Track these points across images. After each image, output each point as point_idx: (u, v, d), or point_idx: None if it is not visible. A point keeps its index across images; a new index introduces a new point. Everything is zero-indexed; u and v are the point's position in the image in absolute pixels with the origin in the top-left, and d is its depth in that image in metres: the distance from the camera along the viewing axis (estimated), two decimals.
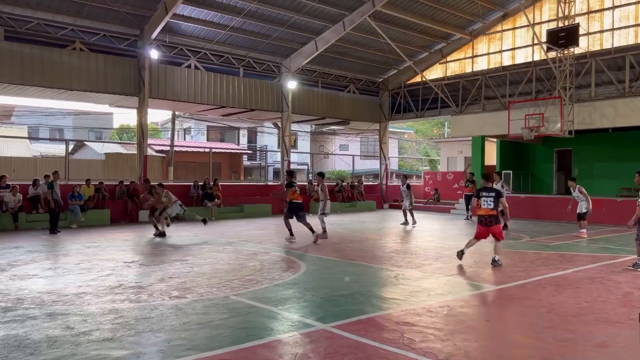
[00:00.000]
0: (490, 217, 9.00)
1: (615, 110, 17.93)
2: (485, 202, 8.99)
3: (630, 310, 5.96)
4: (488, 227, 9.05)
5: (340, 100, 24.58)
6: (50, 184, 13.93)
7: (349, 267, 9.04)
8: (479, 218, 9.18)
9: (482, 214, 9.08)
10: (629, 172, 20.35)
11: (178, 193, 19.42)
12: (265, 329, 5.31)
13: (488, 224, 9.03)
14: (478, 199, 9.15)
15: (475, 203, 9.24)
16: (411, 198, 17.03)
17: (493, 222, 9.00)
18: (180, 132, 39.32)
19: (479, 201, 9.10)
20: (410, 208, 16.89)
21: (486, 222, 9.03)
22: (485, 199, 9.01)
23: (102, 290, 6.96)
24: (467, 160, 27.86)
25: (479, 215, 9.16)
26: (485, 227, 9.07)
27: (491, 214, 8.99)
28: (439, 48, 23.40)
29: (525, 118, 18.42)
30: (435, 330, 5.23)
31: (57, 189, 14.11)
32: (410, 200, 16.95)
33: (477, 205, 9.22)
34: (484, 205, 9.02)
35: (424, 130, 57.24)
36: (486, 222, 9.03)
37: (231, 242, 12.35)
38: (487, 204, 8.98)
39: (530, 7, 20.29)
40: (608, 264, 9.37)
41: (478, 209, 9.17)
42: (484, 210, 9.04)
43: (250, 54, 20.96)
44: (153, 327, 5.28)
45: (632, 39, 18.15)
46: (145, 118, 18.30)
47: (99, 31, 17.07)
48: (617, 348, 4.76)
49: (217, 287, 7.17)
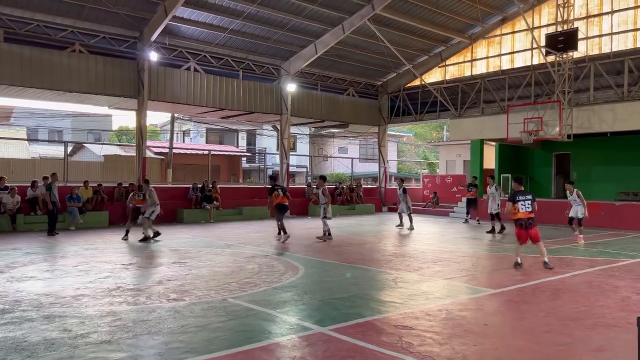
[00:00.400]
0: (530, 220, 9.13)
1: (614, 114, 17.95)
2: (523, 205, 9.14)
3: (628, 314, 5.96)
4: (527, 229, 9.13)
5: (339, 103, 24.61)
6: (49, 186, 13.94)
7: (348, 270, 9.03)
8: (519, 222, 9.22)
9: (522, 217, 9.17)
10: (627, 176, 20.50)
11: (177, 195, 19.55)
12: (263, 332, 5.31)
13: (528, 227, 9.12)
14: (514, 203, 9.20)
15: (511, 207, 9.24)
16: (408, 202, 17.11)
17: (532, 225, 9.14)
18: (180, 134, 39.32)
19: (516, 205, 9.16)
20: (408, 213, 16.95)
21: (526, 225, 9.13)
22: (523, 202, 9.14)
23: (100, 293, 6.95)
24: (466, 163, 27.88)
25: (518, 219, 9.21)
26: (525, 230, 9.15)
27: (530, 216, 9.14)
28: (438, 52, 23.45)
29: (524, 122, 18.44)
30: (433, 333, 5.23)
31: (56, 190, 14.14)
32: (407, 204, 17.04)
33: (513, 210, 9.22)
34: (522, 208, 9.13)
35: (423, 133, 57.28)
36: (526, 225, 9.13)
37: (229, 244, 12.34)
38: (526, 207, 9.13)
39: (529, 11, 20.34)
40: (606, 268, 9.37)
41: (515, 213, 9.20)
42: (523, 214, 9.14)
43: (250, 57, 20.98)
44: (151, 330, 5.27)
45: (631, 44, 18.20)
46: (144, 120, 18.30)
47: (99, 33, 17.09)
48: (614, 352, 4.76)
49: (215, 290, 7.16)
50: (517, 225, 9.30)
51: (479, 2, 19.47)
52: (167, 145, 29.19)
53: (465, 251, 11.68)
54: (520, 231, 9.22)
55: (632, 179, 20.32)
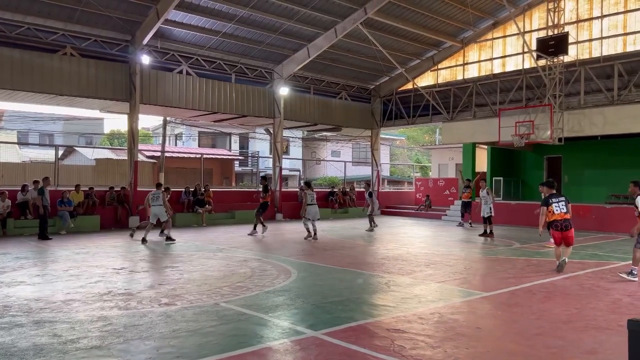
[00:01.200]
0: (565, 222, 9.12)
1: (604, 118, 18.10)
2: (558, 207, 9.13)
3: (619, 317, 5.99)
4: (563, 231, 9.13)
5: (332, 107, 24.64)
6: (41, 190, 13.85)
7: (340, 273, 9.02)
8: (554, 224, 9.18)
9: (558, 219, 9.14)
10: (617, 179, 20.63)
11: (169, 199, 19.42)
12: (255, 336, 5.28)
13: (564, 229, 9.12)
14: (548, 206, 9.20)
15: (547, 210, 9.23)
16: (373, 204, 17.62)
17: (569, 227, 9.14)
18: (172, 138, 39.19)
19: (551, 207, 9.17)
20: (370, 213, 17.43)
21: (562, 227, 9.12)
22: (557, 204, 9.16)
23: (90, 298, 6.89)
24: (458, 166, 27.99)
25: (554, 220, 9.17)
26: (560, 232, 9.15)
27: (566, 217, 9.13)
28: (430, 55, 23.56)
29: (516, 125, 18.56)
30: (425, 337, 5.23)
31: (48, 195, 14.05)
32: (372, 206, 17.52)
33: (548, 212, 9.20)
34: (557, 210, 9.12)
35: (416, 136, 57.49)
36: (562, 226, 9.12)
37: (222, 248, 12.30)
38: (560, 208, 9.13)
39: (520, 15, 20.50)
40: (597, 271, 9.43)
41: (550, 215, 9.19)
42: (559, 215, 9.13)
43: (243, 60, 20.97)
44: (142, 335, 5.23)
45: (621, 48, 18.38)
46: (136, 123, 18.22)
47: (90, 36, 17.00)
48: (606, 355, 4.78)
49: (207, 294, 7.13)
50: (552, 227, 9.25)
51: (470, 7, 19.60)
52: (159, 148, 29.06)
53: (457, 254, 11.71)
54: (555, 233, 9.23)
55: (623, 182, 20.38)
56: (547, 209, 9.21)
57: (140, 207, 14.28)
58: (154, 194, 13.82)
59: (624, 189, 20.18)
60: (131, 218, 17.50)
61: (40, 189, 13.89)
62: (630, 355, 2.97)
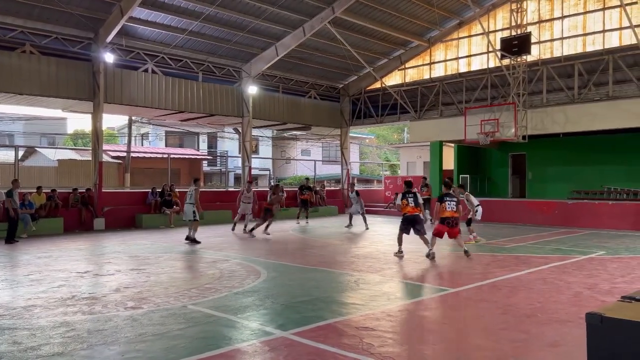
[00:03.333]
0: (454, 219, 10.18)
1: (565, 116, 18.63)
2: (450, 205, 10.25)
3: (580, 309, 6.17)
4: (451, 227, 10.30)
5: (301, 106, 24.61)
6: (9, 192, 13.69)
7: (310, 273, 9.02)
8: (446, 221, 10.27)
9: (448, 216, 10.29)
10: (579, 175, 21.31)
11: (135, 200, 19.10)
12: (224, 338, 5.23)
13: (453, 225, 10.32)
14: (442, 203, 10.19)
15: (440, 207, 10.27)
16: (361, 203, 17.91)
17: (457, 224, 10.19)
18: (138, 138, 38.45)
19: (444, 204, 10.25)
20: (362, 213, 17.71)
21: (451, 224, 10.30)
22: (449, 203, 10.27)
23: (52, 303, 6.70)
24: (426, 164, 28.35)
25: (445, 217, 10.28)
26: (449, 228, 10.28)
27: (454, 215, 10.29)
28: (397, 55, 23.78)
29: (481, 124, 18.91)
30: (394, 334, 5.28)
31: (17, 197, 13.94)
32: (360, 204, 17.82)
33: (441, 209, 10.26)
34: (448, 208, 10.28)
35: (385, 135, 57.96)
36: (452, 223, 10.30)
37: (190, 250, 12.13)
38: (451, 207, 10.21)
39: (484, 15, 20.89)
40: (559, 265, 9.69)
41: (442, 211, 10.25)
42: (450, 213, 10.29)
43: (210, 59, 20.73)
44: (107, 340, 5.11)
45: (580, 48, 18.94)
46: (101, 123, 17.78)
47: (51, 34, 16.51)
48: (567, 347, 4.92)
49: (175, 297, 7.02)
50: (441, 222, 10.28)
51: (436, 6, 19.87)
52: (124, 148, 28.49)
53: (426, 251, 11.84)
54: (442, 227, 10.26)
55: (584, 179, 21.15)
56: (440, 206, 10.29)
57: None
58: (189, 191, 13.49)
59: (586, 185, 20.91)
60: (96, 220, 17.10)
61: (8, 191, 13.74)
62: (589, 347, 3.05)
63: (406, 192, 10.97)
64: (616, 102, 17.52)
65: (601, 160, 20.75)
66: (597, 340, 2.99)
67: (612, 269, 9.26)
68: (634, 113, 16.97)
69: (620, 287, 7.56)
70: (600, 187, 20.58)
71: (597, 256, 10.90)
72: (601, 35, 18.35)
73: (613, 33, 18.12)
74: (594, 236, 14.91)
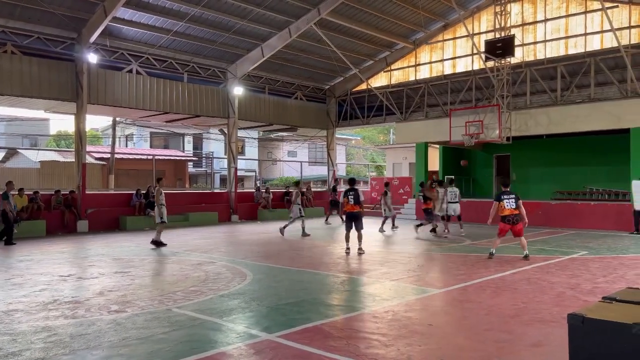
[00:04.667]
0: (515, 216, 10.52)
1: (548, 117, 18.86)
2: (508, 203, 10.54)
3: (563, 309, 6.24)
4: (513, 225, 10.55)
5: (287, 107, 24.58)
6: (5, 195, 13.60)
7: (296, 274, 9.00)
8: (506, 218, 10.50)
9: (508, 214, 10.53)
10: (562, 176, 21.59)
11: (120, 202, 18.91)
12: (209, 341, 5.19)
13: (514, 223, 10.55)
14: (500, 201, 10.44)
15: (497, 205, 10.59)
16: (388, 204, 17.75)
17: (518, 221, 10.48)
18: (122, 139, 38.09)
19: (502, 203, 10.50)
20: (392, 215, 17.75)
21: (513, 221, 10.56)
22: (508, 201, 10.52)
23: (34, 307, 6.60)
24: (411, 166, 28.50)
25: (505, 215, 10.50)
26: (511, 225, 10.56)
27: (515, 212, 10.53)
28: (383, 56, 23.87)
29: (466, 125, 19.06)
30: (379, 335, 5.29)
31: (12, 199, 13.93)
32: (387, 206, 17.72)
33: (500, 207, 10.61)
34: (507, 206, 10.51)
35: (371, 136, 58.14)
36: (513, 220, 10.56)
37: (175, 252, 12.04)
38: (510, 204, 10.52)
39: (469, 18, 21.07)
40: (543, 265, 9.80)
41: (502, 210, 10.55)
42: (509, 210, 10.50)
43: (195, 59, 20.61)
44: (90, 344, 5.05)
45: (563, 51, 19.19)
46: (84, 124, 17.57)
47: (33, 33, 16.28)
48: (551, 347, 4.97)
49: (159, 300, 6.96)
50: (502, 221, 10.42)
51: (421, 8, 19.99)
52: (108, 150, 28.20)
53: (411, 252, 11.92)
54: (506, 226, 10.41)
55: (567, 179, 21.44)
56: (499, 205, 10.50)
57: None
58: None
59: (569, 186, 21.19)
60: (79, 222, 16.91)
61: (4, 193, 13.64)
62: (571, 347, 3.09)
63: (348, 190, 11.44)
64: (598, 104, 17.79)
65: (583, 161, 21.06)
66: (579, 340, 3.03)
67: (594, 268, 9.39)
68: (615, 115, 17.26)
69: (602, 287, 7.67)
70: (583, 188, 20.87)
71: (579, 256, 11.05)
72: (583, 38, 18.61)
73: (595, 36, 18.40)
74: (576, 236, 15.11)
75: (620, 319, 2.89)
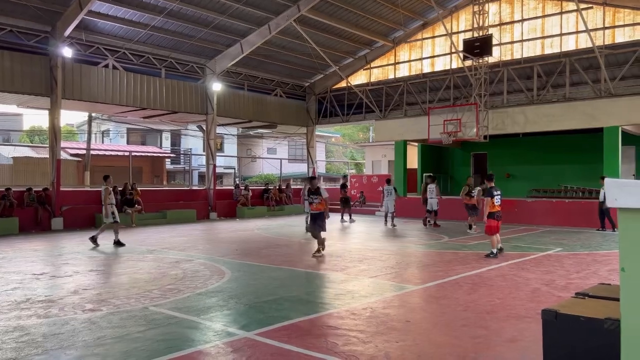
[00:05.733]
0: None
1: (525, 116, 19.15)
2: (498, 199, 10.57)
3: (537, 305, 6.34)
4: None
5: (267, 104, 24.46)
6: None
7: (275, 272, 8.97)
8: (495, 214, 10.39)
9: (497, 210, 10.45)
10: (538, 174, 21.96)
11: (95, 199, 18.55)
12: (186, 340, 5.13)
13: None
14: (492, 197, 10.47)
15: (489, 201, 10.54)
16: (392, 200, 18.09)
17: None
18: (98, 135, 37.44)
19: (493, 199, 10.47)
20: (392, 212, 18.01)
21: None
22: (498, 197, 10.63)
23: (6, 306, 6.44)
24: (390, 163, 28.65)
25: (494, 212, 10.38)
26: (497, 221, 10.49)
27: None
28: (363, 54, 23.93)
29: (444, 123, 19.23)
30: (357, 332, 5.30)
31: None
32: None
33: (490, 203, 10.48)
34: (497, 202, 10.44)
35: (351, 134, 58.25)
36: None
37: (152, 249, 11.89)
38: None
39: (448, 17, 21.24)
40: (519, 262, 9.95)
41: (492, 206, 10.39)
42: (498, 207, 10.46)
43: (173, 55, 20.36)
44: (63, 344, 4.95)
45: (539, 50, 19.50)
46: (58, 120, 17.20)
47: (5, 26, 15.87)
48: (526, 342, 5.05)
49: (136, 298, 6.86)
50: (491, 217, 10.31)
51: (401, 7, 20.09)
52: (84, 146, 27.72)
53: (389, 249, 11.98)
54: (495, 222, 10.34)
55: (542, 177, 21.82)
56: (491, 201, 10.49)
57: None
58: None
59: (544, 184, 21.57)
60: (54, 220, 16.58)
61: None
62: (545, 342, 3.13)
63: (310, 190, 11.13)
64: (572, 104, 18.12)
65: (558, 159, 21.46)
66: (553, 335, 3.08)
67: (568, 265, 9.57)
68: (589, 114, 17.60)
69: (575, 282, 7.82)
70: (558, 186, 21.27)
71: (554, 253, 11.25)
72: (559, 38, 18.94)
73: (570, 36, 18.74)
74: (551, 233, 15.39)
75: (592, 314, 2.94)
